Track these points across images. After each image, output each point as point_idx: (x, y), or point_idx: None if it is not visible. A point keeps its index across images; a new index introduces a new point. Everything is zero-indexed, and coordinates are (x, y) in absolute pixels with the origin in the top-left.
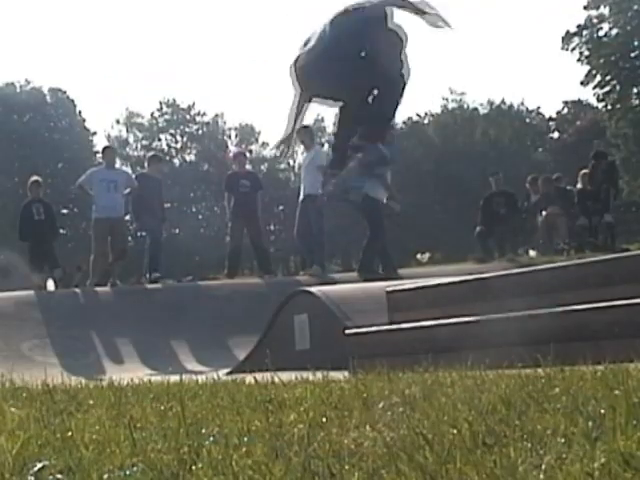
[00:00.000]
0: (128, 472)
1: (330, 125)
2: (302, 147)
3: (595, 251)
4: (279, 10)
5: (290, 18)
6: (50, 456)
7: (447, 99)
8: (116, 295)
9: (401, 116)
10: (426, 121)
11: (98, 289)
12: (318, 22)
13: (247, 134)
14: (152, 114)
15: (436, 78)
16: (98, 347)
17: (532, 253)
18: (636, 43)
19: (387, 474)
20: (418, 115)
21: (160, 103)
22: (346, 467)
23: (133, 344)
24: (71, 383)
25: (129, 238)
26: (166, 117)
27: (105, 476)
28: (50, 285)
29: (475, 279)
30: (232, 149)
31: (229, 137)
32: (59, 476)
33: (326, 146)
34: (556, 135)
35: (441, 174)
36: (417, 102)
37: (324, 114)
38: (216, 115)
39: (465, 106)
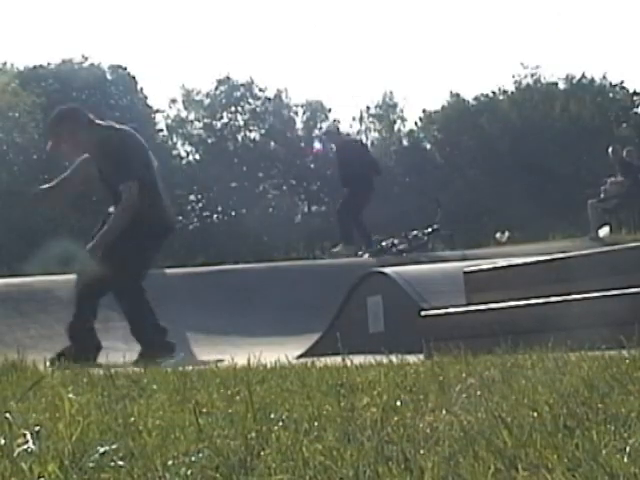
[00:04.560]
0: (194, 458)
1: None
2: None
3: None
4: None
5: None
6: (111, 442)
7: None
8: (182, 277)
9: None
10: (501, 97)
11: (163, 271)
12: None
13: (316, 111)
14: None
15: (506, 51)
16: None
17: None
18: None
19: (464, 459)
20: (493, 92)
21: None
22: (421, 452)
23: (199, 328)
24: (134, 368)
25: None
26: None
27: (169, 462)
28: None
29: (555, 259)
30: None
31: (296, 114)
32: (120, 462)
33: None
34: None
35: (519, 152)
36: (489, 77)
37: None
38: (278, 91)
39: (542, 81)
